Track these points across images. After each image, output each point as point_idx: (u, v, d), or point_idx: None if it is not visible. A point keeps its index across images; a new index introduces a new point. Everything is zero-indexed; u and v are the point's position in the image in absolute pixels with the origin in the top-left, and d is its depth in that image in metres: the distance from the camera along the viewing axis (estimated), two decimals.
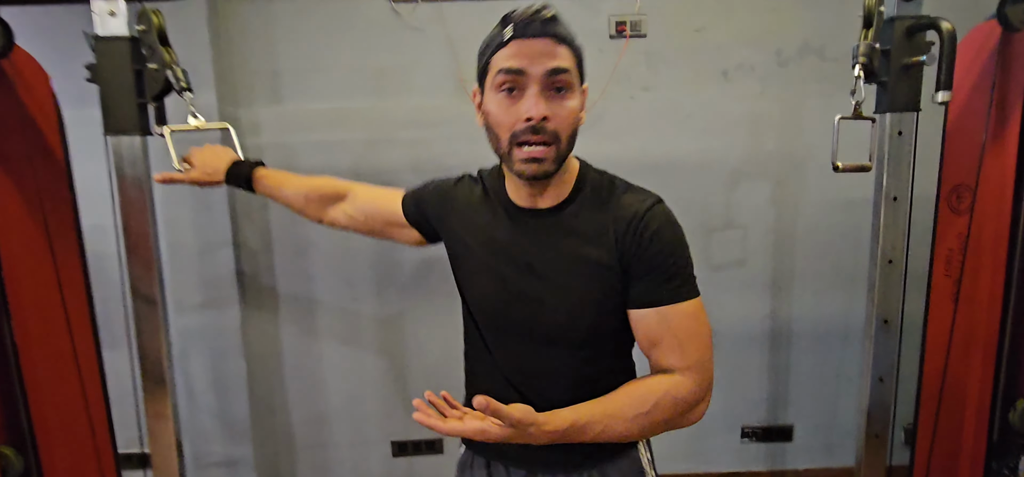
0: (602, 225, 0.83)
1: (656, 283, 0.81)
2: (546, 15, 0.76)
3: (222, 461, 2.09)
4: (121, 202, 1.28)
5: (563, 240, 0.85)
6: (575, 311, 0.85)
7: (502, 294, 0.88)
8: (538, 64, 0.75)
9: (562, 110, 0.78)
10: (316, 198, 1.21)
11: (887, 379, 1.42)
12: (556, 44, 0.76)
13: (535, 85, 0.76)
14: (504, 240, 0.88)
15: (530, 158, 0.78)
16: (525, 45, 0.75)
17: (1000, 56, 1.41)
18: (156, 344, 1.35)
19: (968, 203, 1.50)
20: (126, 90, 1.23)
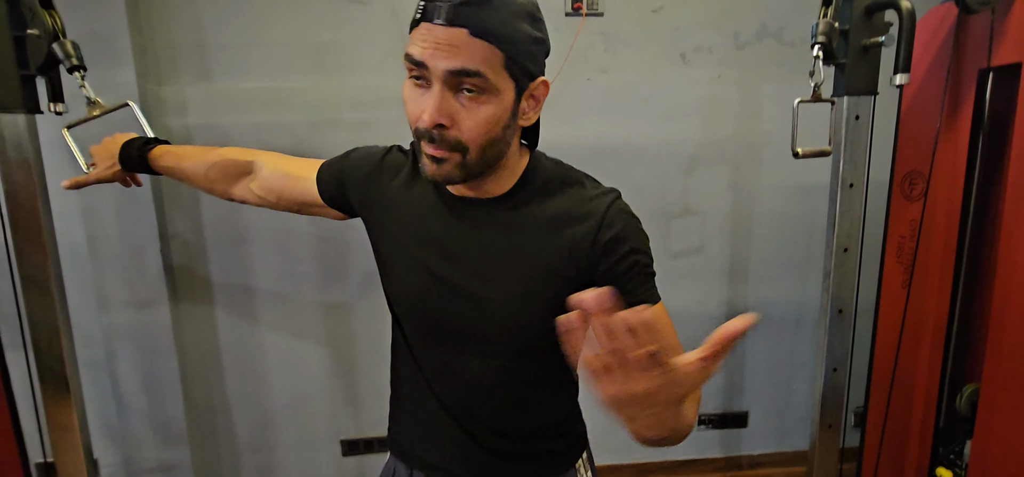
0: (552, 223, 0.73)
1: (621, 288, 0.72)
2: (481, 5, 0.60)
3: (157, 467, 1.95)
4: (6, 188, 1.12)
5: (504, 235, 0.74)
6: (512, 316, 0.75)
7: (430, 291, 0.78)
8: (441, 59, 0.61)
9: (470, 118, 0.64)
10: (218, 175, 1.04)
11: (840, 369, 1.40)
12: (471, 37, 0.61)
13: (437, 83, 0.63)
14: (435, 230, 0.77)
15: (430, 157, 0.67)
16: (431, 32, 0.61)
17: (956, 40, 1.39)
18: (55, 344, 1.20)
19: (921, 190, 1.49)
20: (5, 60, 1.06)
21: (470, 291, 0.75)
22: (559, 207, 0.74)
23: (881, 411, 1.60)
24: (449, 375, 0.81)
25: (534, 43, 0.66)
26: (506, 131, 0.68)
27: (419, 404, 0.84)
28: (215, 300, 1.92)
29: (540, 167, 0.77)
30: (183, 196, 1.83)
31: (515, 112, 0.68)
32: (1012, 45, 1.28)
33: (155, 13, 1.73)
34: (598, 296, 0.43)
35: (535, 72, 0.68)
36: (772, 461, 2.21)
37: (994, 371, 1.33)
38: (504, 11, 0.62)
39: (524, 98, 0.69)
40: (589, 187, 0.76)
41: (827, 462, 1.45)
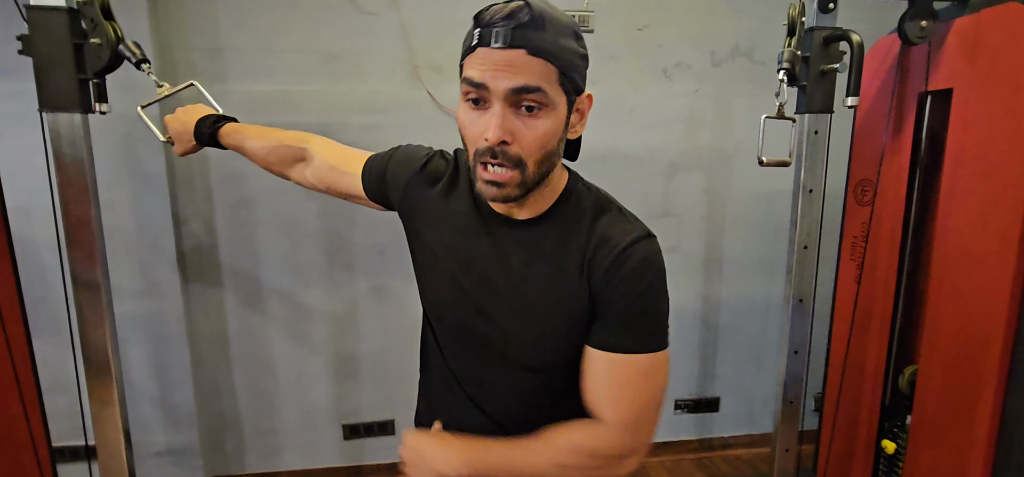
0: (577, 248, 0.74)
1: (617, 327, 0.73)
2: (520, 19, 0.63)
3: (166, 450, 2.04)
4: (60, 183, 1.22)
5: (535, 258, 0.76)
6: (536, 335, 0.77)
7: (460, 304, 0.80)
8: (502, 79, 0.64)
9: (530, 133, 0.67)
10: (276, 159, 1.09)
11: (801, 352, 1.60)
12: (529, 56, 0.64)
13: (498, 102, 0.65)
14: (470, 248, 0.79)
15: (491, 181, 0.69)
16: (490, 56, 0.64)
17: (900, 66, 1.61)
18: (101, 333, 1.30)
19: (871, 196, 1.70)
20: (65, 65, 1.17)
21: (498, 314, 0.77)
22: (586, 234, 0.75)
23: (836, 390, 1.81)
24: (476, 378, 0.84)
25: (580, 59, 0.70)
26: (559, 144, 0.71)
27: (447, 394, 0.88)
28: (224, 289, 2.02)
29: (575, 193, 0.78)
30: (196, 188, 1.93)
31: (565, 125, 0.71)
32: (945, 73, 1.49)
33: (174, 17, 1.83)
34: None
35: (582, 86, 0.71)
36: (741, 442, 2.41)
37: (929, 353, 1.54)
38: (553, 31, 0.65)
39: (573, 111, 0.72)
40: (621, 219, 0.76)
41: (789, 435, 1.64)
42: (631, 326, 0.73)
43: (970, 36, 1.43)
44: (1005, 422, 1.39)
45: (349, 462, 2.20)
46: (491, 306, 0.78)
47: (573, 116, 0.73)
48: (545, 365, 0.79)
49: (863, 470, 1.79)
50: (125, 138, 1.82)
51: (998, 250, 1.36)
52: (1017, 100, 1.31)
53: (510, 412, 0.83)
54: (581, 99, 0.73)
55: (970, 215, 1.44)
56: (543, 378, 0.80)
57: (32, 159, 1.62)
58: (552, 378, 0.80)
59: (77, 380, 1.41)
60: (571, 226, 0.76)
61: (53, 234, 1.79)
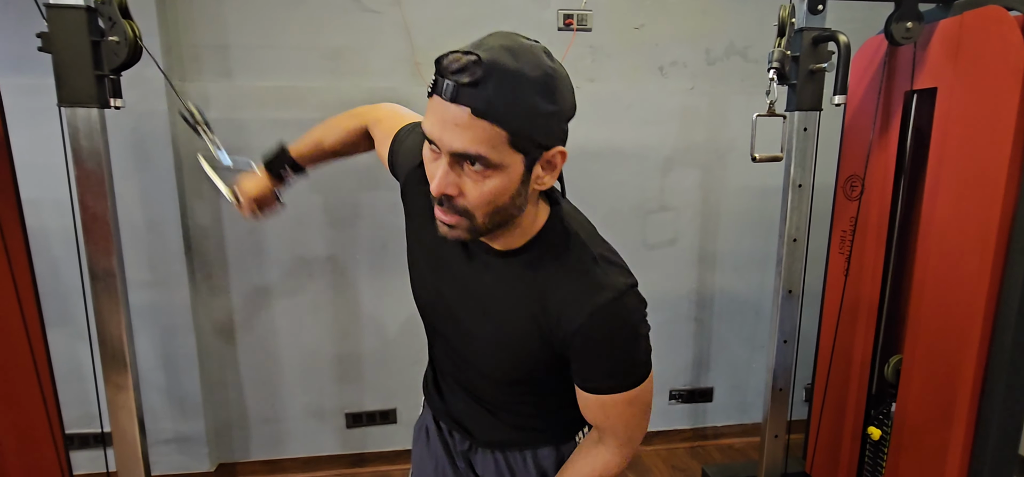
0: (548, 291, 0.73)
1: (598, 376, 0.76)
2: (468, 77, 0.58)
3: (173, 438, 2.09)
4: (78, 176, 1.27)
5: (506, 287, 0.76)
6: (499, 358, 0.80)
7: (436, 310, 0.84)
8: (447, 137, 0.61)
9: (475, 189, 0.64)
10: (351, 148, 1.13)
11: (790, 341, 1.66)
12: (472, 117, 0.59)
13: (445, 156, 0.63)
14: (449, 258, 0.80)
15: (442, 221, 0.68)
16: (441, 108, 0.61)
17: (886, 66, 1.66)
18: (116, 322, 1.35)
19: (859, 191, 1.76)
20: (83, 62, 1.22)
21: (467, 327, 0.81)
22: (558, 281, 0.73)
23: (824, 381, 1.87)
24: (460, 373, 0.90)
25: (546, 117, 0.63)
26: (515, 198, 0.67)
27: (445, 377, 0.96)
28: (230, 281, 2.06)
29: (554, 232, 0.75)
30: (203, 184, 1.98)
31: (525, 180, 0.66)
32: (930, 72, 1.55)
33: (182, 14, 1.88)
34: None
35: (549, 142, 0.65)
36: (734, 432, 2.47)
37: (913, 343, 1.60)
38: (508, 88, 0.59)
39: (539, 164, 0.67)
40: (596, 273, 0.72)
41: (778, 422, 1.70)
42: (613, 374, 0.75)
43: (953, 37, 1.48)
44: (983, 409, 1.45)
45: (352, 450, 2.26)
46: (462, 318, 0.81)
47: (539, 169, 0.67)
48: (508, 379, 0.83)
49: (850, 457, 1.85)
50: (133, 132, 1.86)
51: (978, 245, 1.42)
52: (996, 99, 1.37)
53: (491, 397, 0.89)
54: (550, 154, 0.67)
55: (952, 210, 1.49)
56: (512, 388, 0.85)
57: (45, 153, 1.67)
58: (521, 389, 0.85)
59: (93, 368, 1.46)
60: (545, 266, 0.74)
61: (64, 226, 1.85)
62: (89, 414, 2.00)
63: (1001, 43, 1.35)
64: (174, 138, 1.90)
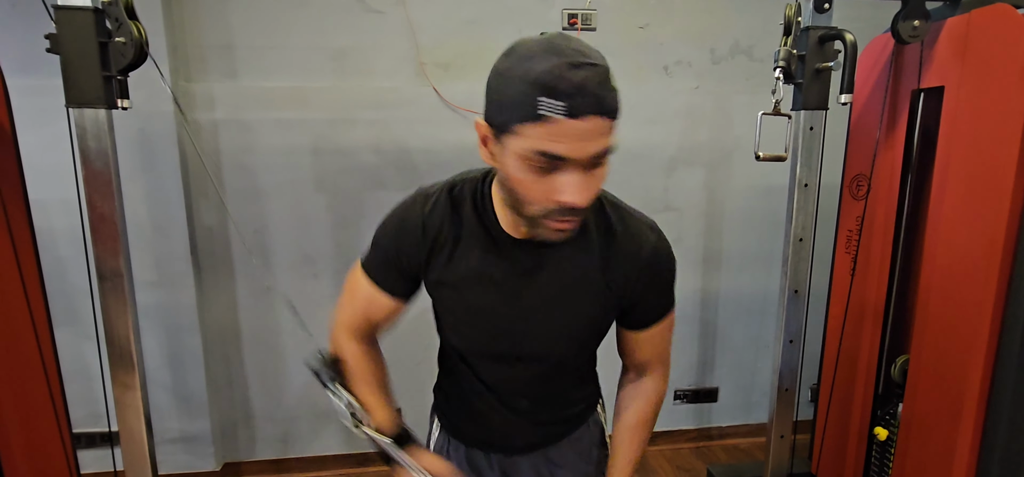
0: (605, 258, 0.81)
1: (653, 308, 0.86)
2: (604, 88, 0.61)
3: (179, 437, 2.10)
4: (85, 176, 1.28)
5: (555, 272, 0.81)
6: (560, 339, 0.85)
7: (491, 327, 0.85)
8: (586, 147, 0.62)
9: (597, 183, 0.68)
10: (376, 346, 0.99)
11: (796, 341, 1.65)
12: (604, 119, 0.62)
13: (578, 169, 0.64)
14: (495, 274, 0.82)
15: (558, 229, 0.70)
16: (572, 126, 0.60)
17: (893, 64, 1.65)
18: (123, 322, 1.36)
19: (865, 190, 1.75)
20: (91, 62, 1.23)
21: (526, 326, 0.84)
22: (609, 241, 0.80)
23: (830, 382, 1.86)
24: (506, 381, 0.92)
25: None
26: None
27: (475, 400, 0.95)
28: (236, 281, 2.07)
29: None
30: (209, 185, 1.99)
31: None
32: (937, 71, 1.54)
33: (187, 15, 1.88)
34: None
35: None
36: (739, 432, 2.47)
37: (920, 343, 1.60)
38: (611, 83, 0.64)
39: None
40: (627, 217, 0.82)
41: (784, 422, 1.70)
42: (661, 301, 0.87)
43: (961, 35, 1.47)
44: (991, 409, 1.44)
45: (356, 450, 2.26)
46: (520, 320, 0.83)
47: None
48: (563, 357, 0.90)
49: (856, 458, 1.84)
50: (139, 133, 1.87)
51: (986, 244, 1.41)
52: (1004, 98, 1.36)
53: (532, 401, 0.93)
54: None
55: (959, 210, 1.48)
56: (560, 368, 0.92)
57: (52, 154, 1.68)
58: (567, 367, 0.93)
59: (100, 368, 1.47)
60: (588, 238, 0.81)
61: (71, 226, 1.86)
62: (96, 413, 2.01)
63: (1009, 41, 1.34)
64: (180, 139, 1.91)
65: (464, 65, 2.02)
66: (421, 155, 2.04)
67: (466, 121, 2.03)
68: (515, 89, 0.62)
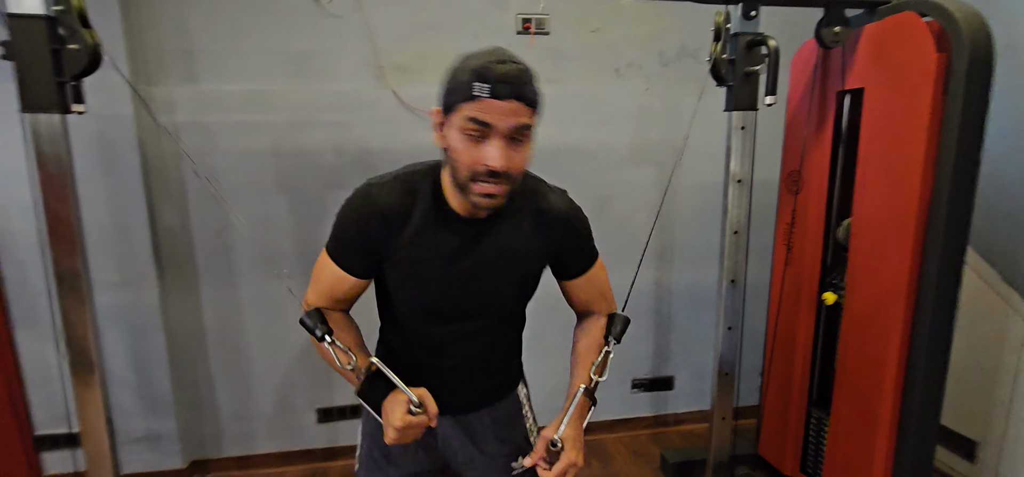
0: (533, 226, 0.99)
1: (581, 258, 1.05)
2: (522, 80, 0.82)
3: (145, 436, 2.12)
4: (41, 180, 1.31)
5: (498, 242, 0.98)
6: (505, 297, 1.02)
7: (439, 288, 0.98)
8: (506, 121, 0.83)
9: (519, 156, 0.86)
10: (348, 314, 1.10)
11: (734, 328, 1.75)
12: (523, 106, 0.83)
13: (499, 138, 0.83)
14: (444, 245, 0.96)
15: (486, 194, 0.86)
16: (496, 105, 0.82)
17: (821, 67, 1.77)
18: (82, 324, 1.40)
19: (800, 185, 1.87)
20: (44, 68, 1.26)
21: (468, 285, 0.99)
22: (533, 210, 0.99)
23: (770, 365, 1.97)
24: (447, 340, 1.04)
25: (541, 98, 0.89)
26: None
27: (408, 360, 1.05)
28: (200, 280, 2.10)
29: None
30: (170, 183, 2.02)
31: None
32: (858, 73, 1.66)
33: (145, 20, 1.91)
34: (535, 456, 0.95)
35: None
36: (693, 418, 2.58)
37: (847, 327, 1.71)
38: (533, 83, 0.85)
39: None
40: (545, 190, 1.01)
41: (725, 405, 1.80)
42: (585, 252, 1.06)
43: (877, 40, 1.59)
44: (905, 402, 1.57)
45: (323, 444, 2.31)
46: (471, 285, 0.99)
47: None
48: (503, 312, 1.06)
49: (796, 436, 1.96)
50: (99, 136, 1.89)
51: (899, 234, 1.53)
52: (912, 99, 1.48)
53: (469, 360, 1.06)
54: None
55: (877, 202, 1.60)
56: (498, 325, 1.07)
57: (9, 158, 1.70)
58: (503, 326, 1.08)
59: (60, 370, 1.49)
60: (519, 212, 0.99)
61: (30, 229, 1.88)
62: (58, 415, 2.02)
63: (915, 47, 1.46)
64: (141, 141, 1.93)
65: (422, 68, 2.09)
66: (381, 155, 2.10)
67: (424, 122, 2.09)
68: (459, 79, 0.84)
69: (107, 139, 1.91)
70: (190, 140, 2.00)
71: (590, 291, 1.10)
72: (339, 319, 1.04)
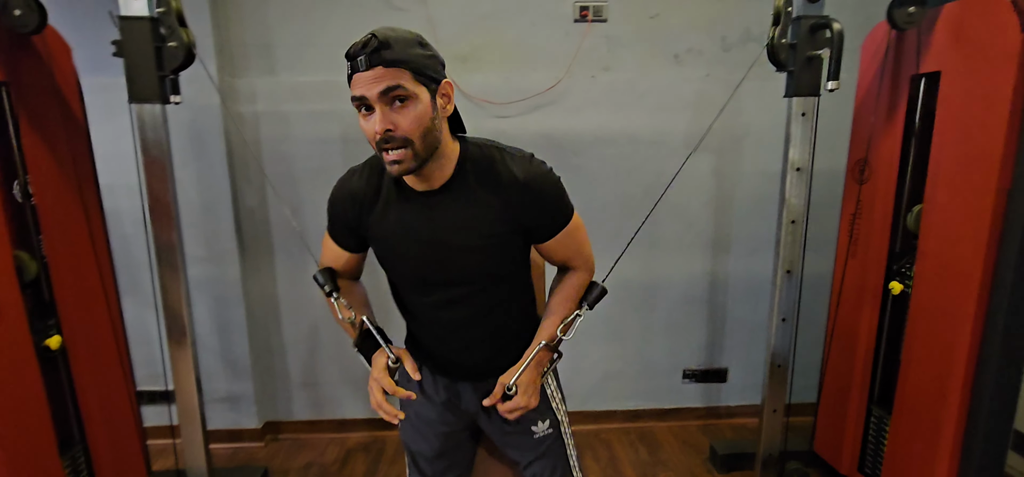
0: (489, 194, 1.00)
1: (550, 220, 1.05)
2: (371, 46, 0.86)
3: (226, 396, 2.34)
4: (144, 163, 1.49)
5: (458, 211, 1.01)
6: (474, 263, 1.04)
7: (418, 260, 1.06)
8: (373, 88, 0.87)
9: (405, 118, 0.89)
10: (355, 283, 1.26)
11: (789, 320, 1.72)
12: (384, 69, 0.87)
13: (376, 105, 0.88)
14: (410, 221, 1.03)
15: (391, 161, 0.91)
16: (361, 77, 0.88)
17: (894, 50, 1.68)
18: (177, 294, 1.57)
19: (866, 174, 1.79)
20: (148, 64, 1.43)
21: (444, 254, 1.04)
22: (489, 178, 1.00)
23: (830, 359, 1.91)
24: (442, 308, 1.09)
25: (428, 58, 0.92)
26: (434, 122, 0.93)
27: (421, 329, 1.16)
28: (275, 258, 2.29)
29: (468, 153, 1.02)
30: (250, 167, 2.20)
31: (435, 106, 0.93)
32: (934, 56, 1.56)
33: (231, 16, 2.09)
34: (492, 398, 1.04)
35: (438, 77, 0.93)
36: (747, 412, 2.53)
37: (914, 324, 1.63)
38: (399, 46, 0.88)
39: (437, 97, 0.94)
40: (507, 157, 1.01)
41: (777, 397, 1.77)
42: (553, 214, 1.05)
43: (956, 21, 1.50)
44: (976, 391, 1.48)
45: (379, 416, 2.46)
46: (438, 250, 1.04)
47: (439, 100, 0.95)
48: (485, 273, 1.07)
49: (854, 434, 1.89)
50: (190, 125, 2.10)
51: (974, 222, 1.44)
52: (994, 83, 1.39)
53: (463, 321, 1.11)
54: (442, 86, 0.95)
55: (951, 189, 1.52)
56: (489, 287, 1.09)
57: (117, 143, 1.92)
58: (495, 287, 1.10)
59: (159, 333, 1.69)
60: (477, 180, 1.01)
61: (133, 207, 2.11)
62: (155, 374, 2.27)
63: (998, 26, 1.37)
64: (226, 130, 2.12)
65: (481, 58, 2.16)
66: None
67: (483, 110, 2.16)
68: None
69: (197, 127, 2.11)
70: (268, 128, 2.17)
71: (565, 250, 1.10)
72: (347, 284, 1.20)
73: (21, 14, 1.41)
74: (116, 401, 1.81)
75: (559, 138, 2.22)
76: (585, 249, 1.13)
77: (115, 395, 1.80)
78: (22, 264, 1.49)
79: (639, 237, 0.94)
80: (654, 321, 2.41)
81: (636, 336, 2.42)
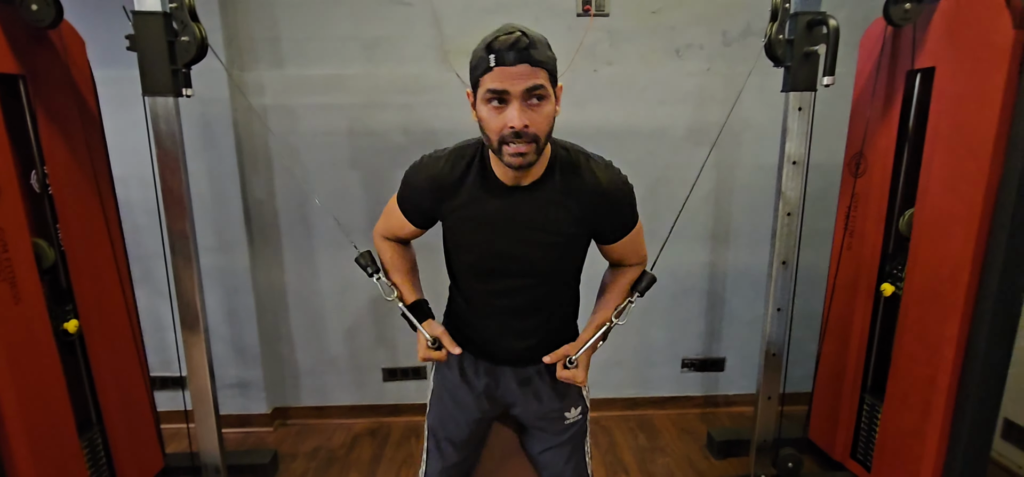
0: (572, 198, 1.07)
1: (621, 225, 1.12)
2: (523, 44, 0.91)
3: (236, 383, 2.41)
4: (158, 155, 1.53)
5: (540, 210, 1.07)
6: (540, 260, 1.10)
7: (484, 248, 1.11)
8: (518, 85, 0.92)
9: (539, 116, 0.95)
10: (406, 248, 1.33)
11: (784, 310, 1.76)
12: (531, 67, 0.92)
13: (516, 101, 0.93)
14: (492, 214, 1.09)
15: (516, 153, 0.96)
16: (506, 71, 0.92)
17: (890, 46, 1.71)
18: (190, 283, 1.62)
19: (862, 168, 1.82)
20: (161, 58, 1.47)
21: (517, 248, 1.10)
22: (574, 181, 1.07)
23: (825, 348, 1.95)
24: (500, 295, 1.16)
25: (554, 61, 0.99)
26: (553, 121, 1.00)
27: (470, 312, 1.21)
28: (283, 247, 2.34)
29: (557, 156, 1.08)
30: (259, 160, 2.25)
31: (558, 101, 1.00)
32: (929, 52, 1.59)
33: (240, 10, 2.13)
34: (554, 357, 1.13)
35: (556, 79, 1.00)
36: (744, 401, 2.58)
37: (904, 317, 1.67)
38: (541, 47, 0.94)
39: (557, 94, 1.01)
40: (594, 164, 1.08)
41: (771, 385, 1.81)
42: (628, 220, 1.13)
43: (951, 17, 1.52)
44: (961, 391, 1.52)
45: (388, 401, 2.52)
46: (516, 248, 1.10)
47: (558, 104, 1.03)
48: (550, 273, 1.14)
49: (847, 424, 1.94)
50: (201, 117, 2.14)
51: (964, 219, 1.48)
52: (986, 78, 1.42)
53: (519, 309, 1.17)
54: (558, 88, 1.02)
55: (942, 186, 1.55)
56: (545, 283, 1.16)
57: (130, 135, 1.96)
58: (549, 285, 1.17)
59: (172, 320, 1.74)
60: (562, 182, 1.07)
61: (146, 198, 2.16)
62: (168, 360, 2.34)
63: (991, 23, 1.40)
64: (235, 122, 2.17)
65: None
66: (445, 135, 2.23)
67: None
68: (477, 57, 0.96)
69: (207, 120, 2.15)
70: (276, 121, 2.22)
71: (624, 252, 1.19)
72: (399, 248, 1.28)
73: (38, 9, 1.45)
74: (132, 385, 1.87)
75: (562, 131, 2.24)
76: (642, 249, 1.21)
77: (131, 379, 1.86)
78: (40, 251, 1.55)
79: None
80: (654, 311, 2.45)
81: (636, 326, 2.47)
